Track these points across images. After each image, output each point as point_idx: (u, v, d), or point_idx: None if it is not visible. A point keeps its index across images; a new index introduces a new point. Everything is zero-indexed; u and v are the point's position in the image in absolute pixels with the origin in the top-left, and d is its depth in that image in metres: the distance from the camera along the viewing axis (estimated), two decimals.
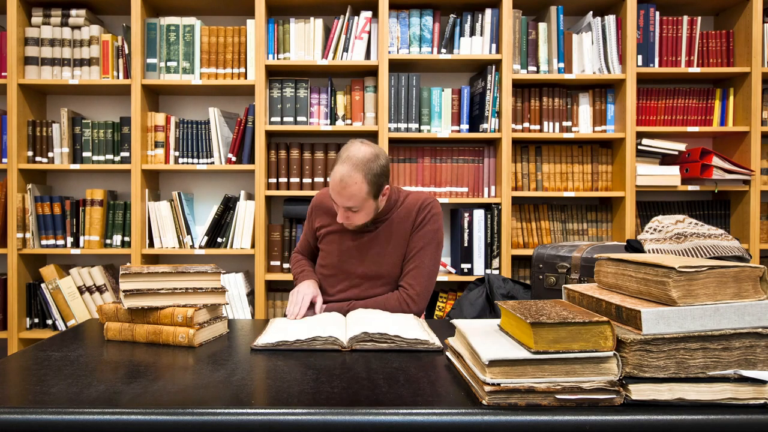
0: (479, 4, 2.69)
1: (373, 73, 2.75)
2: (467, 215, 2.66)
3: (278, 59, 2.68)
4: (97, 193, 2.67)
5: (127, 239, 2.68)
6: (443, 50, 2.69)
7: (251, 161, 2.69)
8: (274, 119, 2.70)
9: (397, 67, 2.76)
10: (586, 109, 2.75)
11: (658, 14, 2.68)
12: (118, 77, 2.67)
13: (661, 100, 2.74)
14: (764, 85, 2.72)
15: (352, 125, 2.71)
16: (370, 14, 2.66)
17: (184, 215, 2.69)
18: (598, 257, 1.11)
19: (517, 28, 2.65)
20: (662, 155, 2.70)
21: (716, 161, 2.58)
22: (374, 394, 0.96)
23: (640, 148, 2.64)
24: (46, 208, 2.66)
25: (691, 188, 2.66)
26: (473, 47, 2.67)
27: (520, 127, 2.71)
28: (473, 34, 2.67)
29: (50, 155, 2.70)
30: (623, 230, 2.64)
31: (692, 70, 2.65)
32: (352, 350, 1.25)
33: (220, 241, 2.70)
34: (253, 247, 2.66)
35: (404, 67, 2.79)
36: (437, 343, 1.27)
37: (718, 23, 2.89)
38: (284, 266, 2.70)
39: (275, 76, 2.80)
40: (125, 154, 2.69)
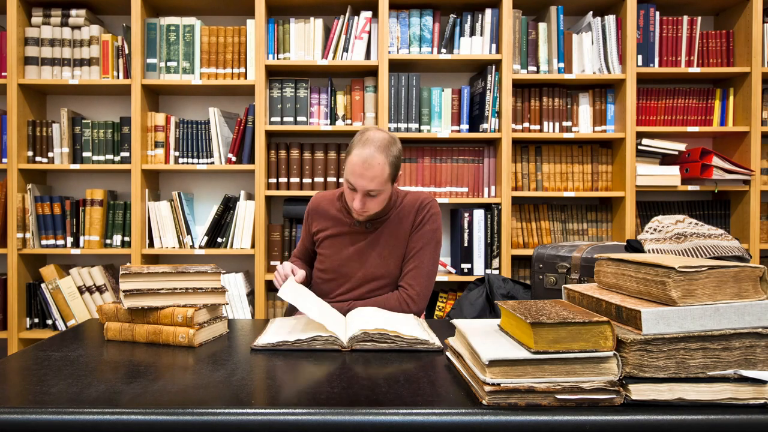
0: (479, 4, 2.69)
1: (373, 73, 2.75)
2: (467, 215, 2.66)
3: (278, 59, 2.68)
4: (97, 193, 2.67)
5: (127, 239, 2.68)
6: (443, 50, 2.69)
7: (251, 161, 2.69)
8: (274, 119, 2.70)
9: (397, 67, 2.76)
10: (586, 109, 2.75)
11: (658, 14, 2.68)
12: (118, 77, 2.67)
13: (661, 100, 2.74)
14: (764, 85, 2.72)
15: (352, 125, 2.71)
16: (370, 14, 2.66)
17: (184, 215, 2.69)
18: (598, 257, 1.11)
19: (517, 28, 2.65)
20: (662, 155, 2.70)
21: (716, 161, 2.58)
22: (374, 394, 0.96)
23: (640, 148, 2.64)
24: (46, 208, 2.66)
25: (691, 188, 2.66)
26: (473, 47, 2.67)
27: (520, 127, 2.71)
28: (473, 34, 2.67)
29: (50, 155, 2.70)
30: (623, 230, 2.64)
31: (692, 70, 2.65)
32: (352, 350, 1.25)
33: (220, 241, 2.70)
34: (253, 247, 2.66)
35: (404, 67, 2.79)
36: (437, 343, 1.27)
37: (718, 23, 2.89)
38: None
39: (275, 76, 2.80)
40: (125, 154, 2.69)
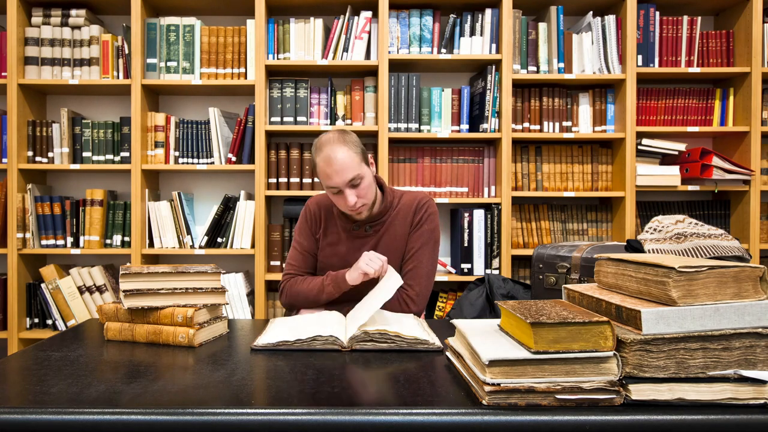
0: (479, 4, 2.69)
1: (373, 73, 2.75)
2: (467, 215, 2.66)
3: (278, 59, 2.68)
4: (97, 193, 2.67)
5: (127, 239, 2.68)
6: (443, 50, 2.69)
7: (251, 161, 2.69)
8: (274, 119, 2.70)
9: (397, 67, 2.76)
10: (586, 109, 2.75)
11: (658, 14, 2.68)
12: (118, 77, 2.67)
13: (661, 100, 2.74)
14: (764, 85, 2.72)
15: (352, 125, 2.71)
16: (370, 14, 2.66)
17: (184, 215, 2.69)
18: (598, 257, 1.11)
19: (517, 28, 2.65)
20: (662, 155, 2.70)
21: (716, 161, 2.58)
22: (374, 394, 0.96)
23: (640, 148, 2.64)
24: (46, 208, 2.66)
25: (691, 188, 2.66)
26: (473, 47, 2.67)
27: (520, 127, 2.71)
28: (473, 34, 2.67)
29: (50, 155, 2.70)
30: (623, 230, 2.64)
31: (692, 70, 2.65)
32: (352, 350, 1.25)
33: (220, 241, 2.70)
34: (253, 247, 2.66)
35: (404, 67, 2.79)
36: (437, 343, 1.26)
37: (718, 23, 2.89)
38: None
39: (275, 76, 2.80)
40: (125, 154, 2.69)
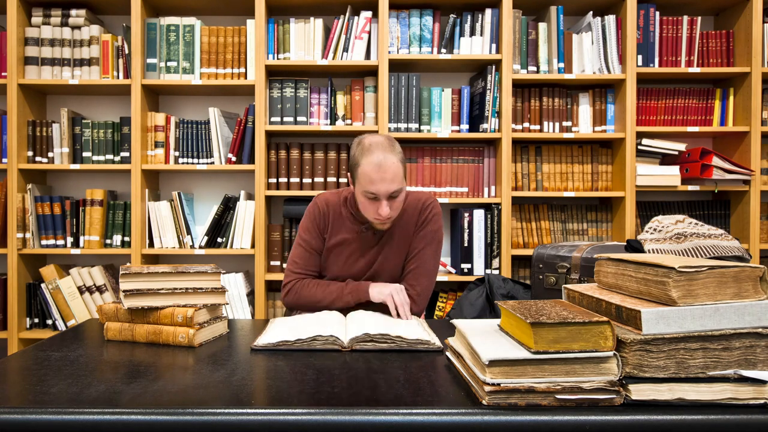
0: (479, 4, 2.69)
1: (373, 73, 2.75)
2: (467, 215, 2.66)
3: (278, 59, 2.68)
4: (97, 193, 2.67)
5: (127, 239, 2.68)
6: (443, 50, 2.69)
7: (251, 161, 2.69)
8: (274, 119, 2.70)
9: (397, 67, 2.76)
10: (586, 109, 2.74)
11: (658, 14, 2.68)
12: (118, 77, 2.67)
13: (661, 100, 2.74)
14: (764, 85, 2.72)
15: (352, 125, 2.71)
16: (370, 14, 2.66)
17: (184, 215, 2.69)
18: (598, 257, 1.11)
19: (517, 28, 2.65)
20: (662, 155, 2.70)
21: (716, 161, 2.58)
22: (374, 394, 0.96)
23: (640, 148, 2.64)
24: (46, 208, 2.66)
25: (691, 188, 2.66)
26: (473, 47, 2.67)
27: (520, 127, 2.71)
28: (473, 34, 2.67)
29: (50, 155, 2.70)
30: (623, 230, 2.64)
31: (692, 70, 2.65)
32: (352, 350, 1.25)
33: (220, 241, 2.70)
34: (253, 247, 2.66)
35: (404, 67, 2.79)
36: (437, 343, 1.27)
37: (718, 23, 2.89)
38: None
39: (275, 76, 2.80)
40: (125, 154, 2.69)
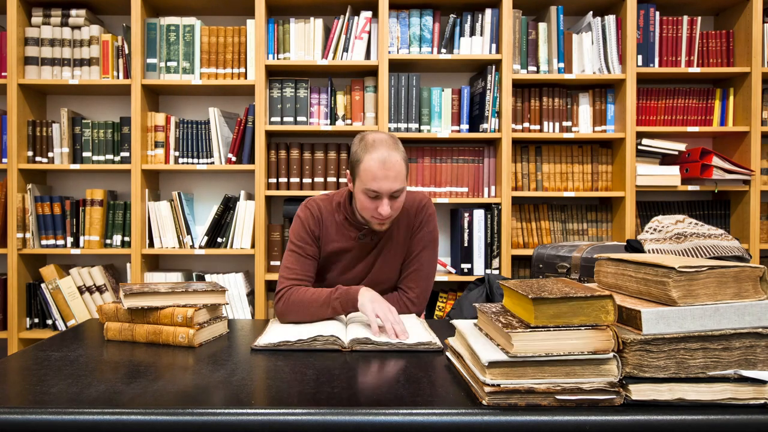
0: (479, 4, 2.69)
1: (373, 73, 2.75)
2: (467, 215, 2.66)
3: (278, 59, 2.68)
4: (97, 193, 2.67)
5: (127, 239, 2.68)
6: (443, 50, 2.69)
7: (251, 161, 2.69)
8: (274, 119, 2.70)
9: (397, 67, 2.76)
10: (586, 109, 2.74)
11: (658, 14, 2.68)
12: (118, 77, 2.67)
13: (661, 100, 2.74)
14: (764, 85, 2.72)
15: (352, 125, 2.71)
16: (370, 14, 2.66)
17: (184, 215, 2.69)
18: (598, 257, 1.11)
19: (517, 28, 2.65)
20: (662, 155, 2.70)
21: (716, 161, 2.58)
22: (374, 394, 0.96)
23: (640, 148, 2.64)
24: (46, 208, 2.66)
25: (691, 188, 2.66)
26: (473, 47, 2.67)
27: (520, 127, 2.70)
28: (473, 34, 2.67)
29: (50, 155, 2.70)
30: (623, 230, 2.64)
31: (692, 70, 2.65)
32: (352, 350, 1.25)
33: (220, 241, 2.70)
34: (253, 247, 2.66)
35: (404, 67, 2.78)
36: (437, 343, 1.27)
37: (718, 23, 2.89)
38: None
39: (275, 76, 2.80)
40: (125, 154, 2.69)
